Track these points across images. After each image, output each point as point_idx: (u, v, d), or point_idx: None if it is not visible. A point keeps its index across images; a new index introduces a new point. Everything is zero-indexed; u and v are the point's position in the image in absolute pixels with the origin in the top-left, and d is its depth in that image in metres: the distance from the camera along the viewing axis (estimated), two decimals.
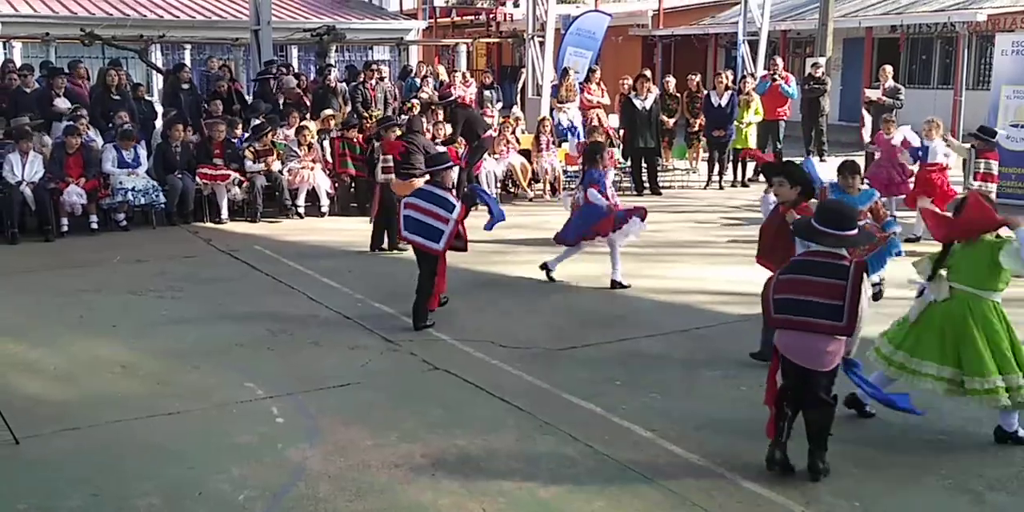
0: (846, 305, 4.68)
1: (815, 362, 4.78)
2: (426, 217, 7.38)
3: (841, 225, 4.83)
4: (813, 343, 4.77)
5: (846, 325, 4.70)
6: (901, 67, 22.93)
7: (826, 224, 4.85)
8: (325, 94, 14.45)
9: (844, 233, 4.83)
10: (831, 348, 4.77)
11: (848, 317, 4.69)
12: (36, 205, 10.73)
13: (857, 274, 4.73)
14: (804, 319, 4.76)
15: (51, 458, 5.14)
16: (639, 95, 13.72)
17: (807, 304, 4.75)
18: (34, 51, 18.47)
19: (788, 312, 4.82)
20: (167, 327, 7.51)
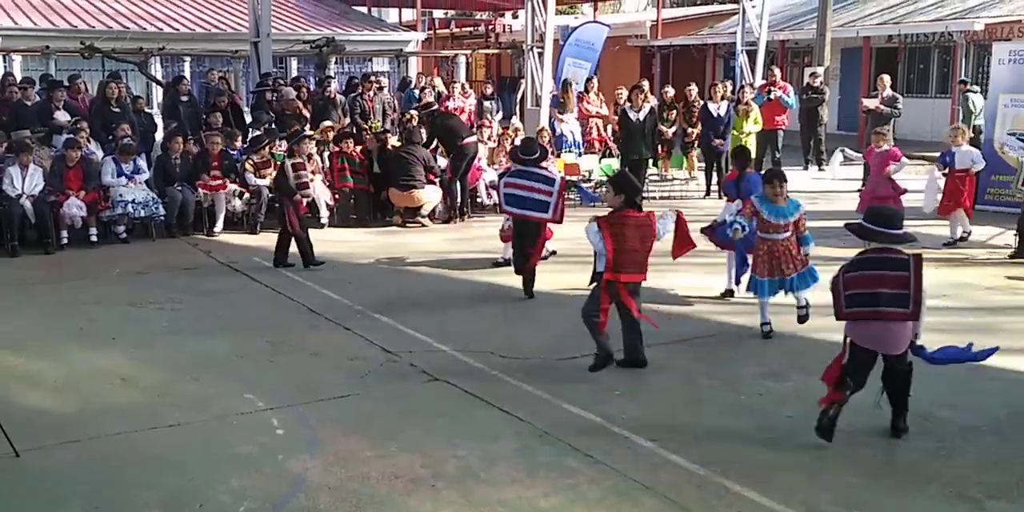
0: (911, 293, 5.25)
1: (891, 347, 5.35)
2: (530, 193, 8.42)
3: (890, 224, 5.39)
4: (888, 330, 5.32)
5: (912, 311, 5.27)
6: (899, 76, 23.01)
7: (877, 223, 5.37)
8: (325, 105, 14.49)
9: (895, 231, 5.37)
10: (903, 333, 5.34)
11: (914, 304, 5.25)
12: (36, 218, 10.74)
13: (918, 264, 5.30)
14: (876, 309, 5.28)
15: (52, 470, 5.14)
16: (634, 106, 13.75)
17: (878, 296, 5.27)
18: (34, 64, 18.52)
19: (859, 305, 5.33)
20: (167, 339, 7.52)
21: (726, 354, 7.05)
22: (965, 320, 7.73)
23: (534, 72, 16.21)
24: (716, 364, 6.82)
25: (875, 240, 5.41)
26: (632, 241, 6.55)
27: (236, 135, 12.61)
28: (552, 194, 8.39)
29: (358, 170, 12.70)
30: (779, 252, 7.33)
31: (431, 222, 12.51)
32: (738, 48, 20.51)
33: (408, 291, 9.09)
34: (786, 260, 7.33)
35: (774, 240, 7.33)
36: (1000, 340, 7.26)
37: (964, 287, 8.83)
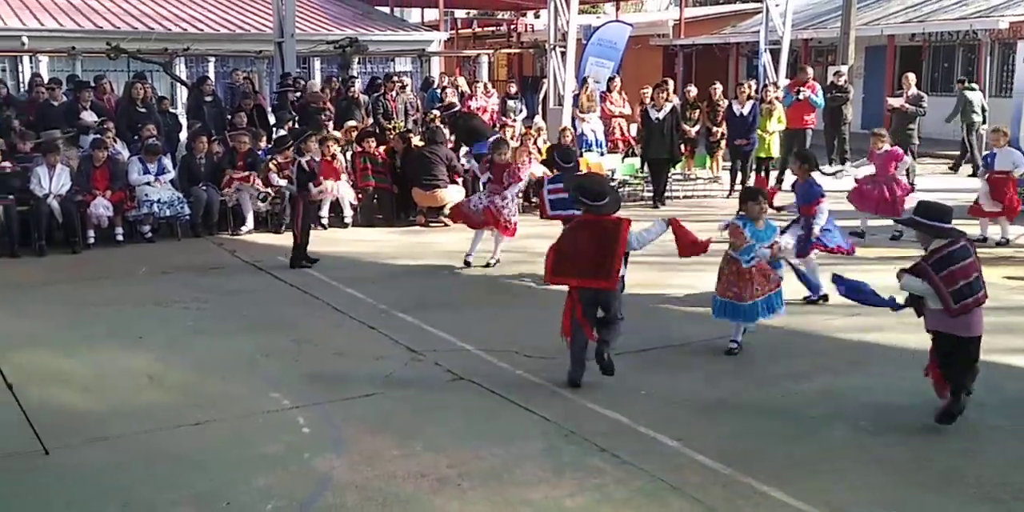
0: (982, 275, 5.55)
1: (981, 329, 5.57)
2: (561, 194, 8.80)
3: (946, 219, 5.61)
4: (981, 313, 5.57)
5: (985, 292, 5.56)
6: (923, 75, 22.81)
7: (936, 219, 5.60)
8: (348, 105, 14.55)
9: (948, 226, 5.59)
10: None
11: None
12: (63, 217, 10.84)
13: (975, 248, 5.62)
14: (976, 297, 5.49)
15: (81, 468, 5.19)
16: (655, 105, 13.70)
17: (974, 284, 5.47)
18: (60, 65, 18.69)
19: (966, 296, 5.45)
20: (193, 338, 7.57)
21: (751, 354, 7.02)
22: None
23: (557, 71, 16.18)
24: (741, 364, 6.79)
25: (943, 235, 5.56)
26: (582, 244, 6.33)
27: (261, 135, 12.68)
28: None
29: (380, 170, 12.74)
30: (748, 275, 6.94)
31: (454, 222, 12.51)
32: (761, 47, 20.37)
33: (431, 290, 9.11)
34: (754, 283, 6.92)
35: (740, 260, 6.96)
36: None
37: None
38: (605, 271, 6.24)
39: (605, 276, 6.25)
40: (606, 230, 6.29)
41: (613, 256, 6.22)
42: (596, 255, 6.26)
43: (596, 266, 6.26)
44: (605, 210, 6.33)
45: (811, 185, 8.26)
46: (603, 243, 6.25)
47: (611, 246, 6.23)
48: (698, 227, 12.04)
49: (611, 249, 6.23)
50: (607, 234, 6.28)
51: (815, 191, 8.21)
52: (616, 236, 6.24)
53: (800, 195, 8.31)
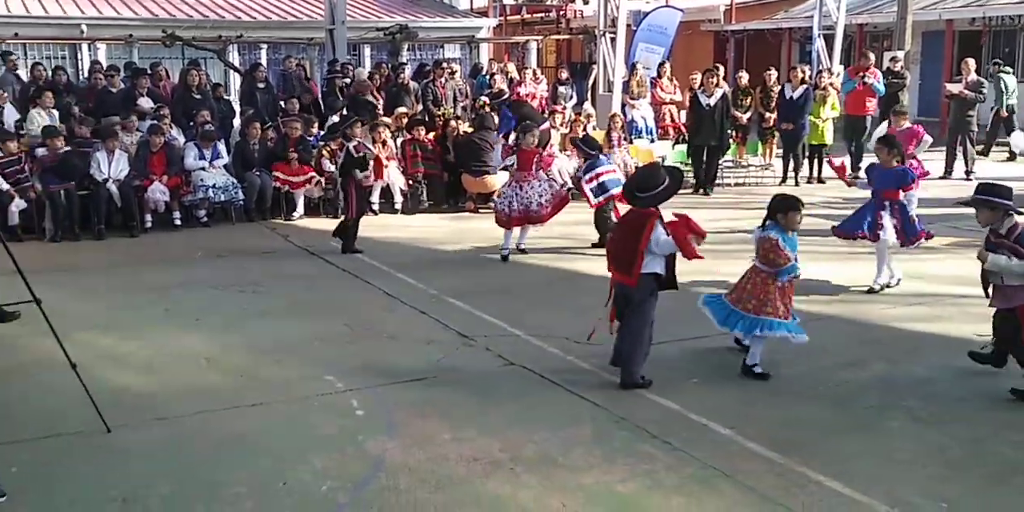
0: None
1: None
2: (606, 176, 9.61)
3: (1010, 195, 5.87)
4: None
5: None
6: (983, 60, 22.26)
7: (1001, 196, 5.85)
8: (398, 92, 14.61)
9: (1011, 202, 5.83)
10: None
11: None
12: (122, 202, 11.07)
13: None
14: None
15: (141, 447, 5.30)
16: (705, 91, 13.55)
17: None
18: (118, 52, 19.01)
19: None
20: (248, 321, 7.69)
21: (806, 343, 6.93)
22: None
23: (606, 58, 16.09)
24: (796, 353, 6.71)
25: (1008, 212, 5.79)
26: (619, 234, 6.29)
27: (313, 122, 12.79)
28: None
29: (429, 156, 12.79)
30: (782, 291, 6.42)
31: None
32: (815, 32, 20.05)
33: (481, 276, 9.14)
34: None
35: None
36: None
37: None
38: (626, 266, 6.08)
39: (626, 271, 6.08)
40: (637, 224, 6.06)
41: (635, 252, 5.98)
42: (623, 248, 6.13)
43: (620, 259, 6.14)
44: (642, 203, 6.08)
45: (904, 171, 8.21)
46: (631, 237, 6.06)
47: (635, 241, 6.00)
48: (750, 214, 12.01)
49: (634, 244, 6.00)
50: (636, 228, 6.04)
51: (909, 177, 8.16)
52: (641, 232, 5.98)
53: (891, 179, 8.18)
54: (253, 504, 4.63)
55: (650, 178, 6.16)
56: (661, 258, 6.06)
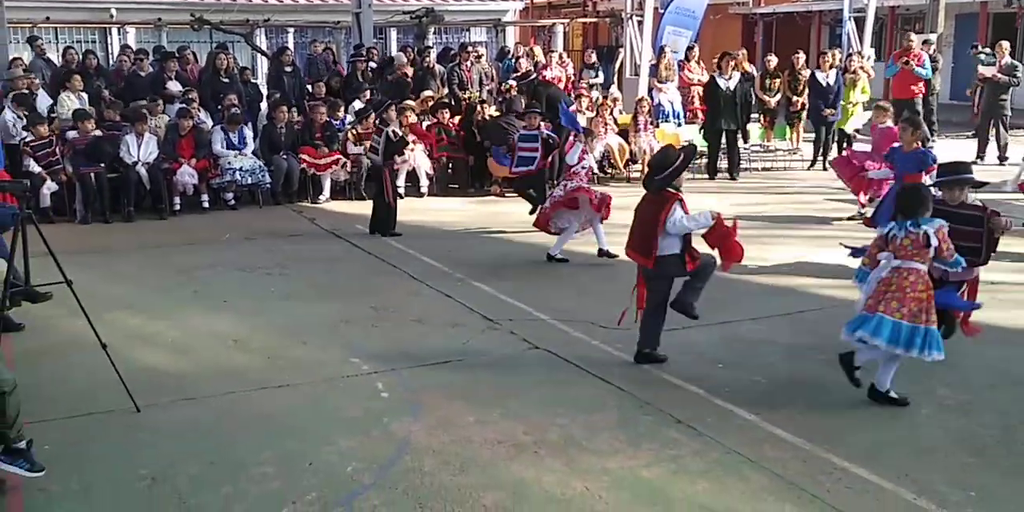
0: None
1: None
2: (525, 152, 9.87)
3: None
4: None
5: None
6: (1018, 43, 21.90)
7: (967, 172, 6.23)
8: (424, 76, 14.59)
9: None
10: None
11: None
12: (151, 184, 11.17)
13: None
14: None
15: (170, 426, 5.37)
16: (723, 74, 13.42)
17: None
18: (147, 36, 19.10)
19: None
20: (276, 303, 7.74)
21: (831, 329, 6.84)
22: None
23: (633, 41, 15.98)
24: (821, 339, 6.66)
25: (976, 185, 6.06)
26: (637, 216, 6.21)
27: (339, 105, 12.81)
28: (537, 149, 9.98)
29: (454, 141, 12.79)
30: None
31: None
32: (845, 15, 19.77)
33: (506, 260, 9.14)
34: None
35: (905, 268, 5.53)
36: None
37: None
38: (645, 248, 6.09)
39: (645, 253, 6.09)
40: (655, 206, 6.04)
41: (652, 234, 6.00)
42: (641, 231, 6.14)
43: (639, 241, 6.15)
44: (660, 184, 6.05)
45: (925, 153, 8.07)
46: (650, 219, 6.05)
47: (652, 223, 6.01)
48: (778, 198, 11.95)
49: (652, 226, 6.01)
50: (653, 211, 6.04)
51: (930, 158, 8.02)
52: (658, 215, 5.97)
53: (910, 162, 8.08)
54: (280, 484, 4.68)
55: (664, 160, 6.16)
56: (679, 239, 6.04)
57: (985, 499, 4.44)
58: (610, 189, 12.36)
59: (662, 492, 4.57)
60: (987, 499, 4.45)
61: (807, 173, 13.96)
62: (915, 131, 8.10)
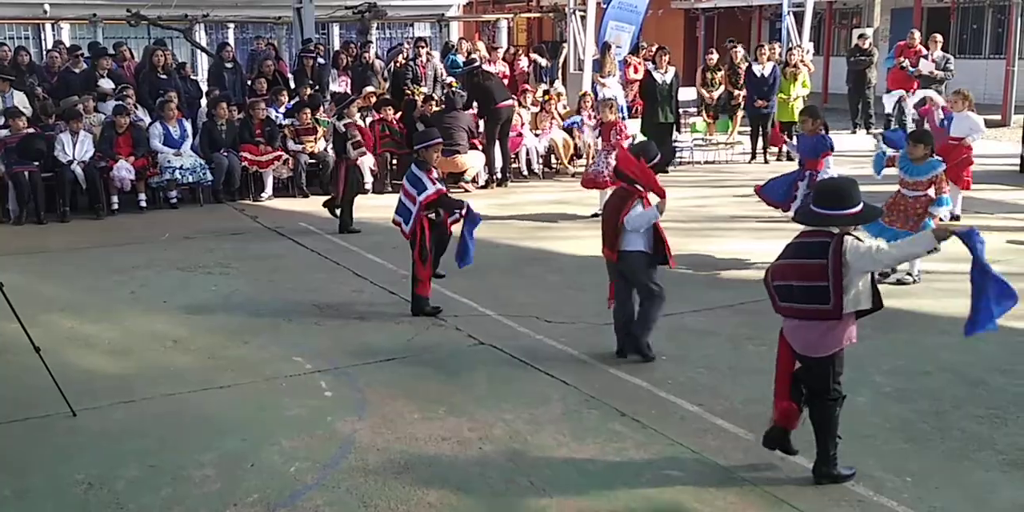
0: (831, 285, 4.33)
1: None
2: (405, 198, 7.22)
3: (839, 204, 4.41)
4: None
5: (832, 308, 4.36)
6: (951, 37, 22.38)
7: (823, 205, 4.46)
8: (364, 71, 14.48)
9: (842, 212, 4.40)
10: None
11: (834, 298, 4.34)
12: (87, 183, 10.92)
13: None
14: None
15: (108, 430, 5.27)
16: (659, 68, 13.54)
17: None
18: (82, 32, 18.68)
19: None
20: (217, 302, 7.63)
21: (773, 320, 6.91)
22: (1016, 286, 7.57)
23: (576, 36, 16.00)
24: (763, 329, 6.72)
25: (819, 224, 4.51)
26: (605, 216, 6.27)
27: (282, 91, 12.76)
28: (415, 201, 7.13)
29: (398, 139, 12.72)
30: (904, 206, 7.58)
31: (474, 187, 12.50)
32: (784, 10, 19.97)
33: (452, 256, 9.07)
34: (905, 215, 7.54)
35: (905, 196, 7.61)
36: None
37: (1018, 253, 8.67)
38: (609, 241, 6.16)
39: (609, 245, 6.16)
40: (619, 200, 6.14)
41: (616, 228, 6.06)
42: (608, 224, 6.19)
43: (606, 234, 6.20)
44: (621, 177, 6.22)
45: (822, 138, 8.37)
46: (614, 213, 6.12)
47: (615, 217, 6.08)
48: (720, 192, 12.07)
49: (614, 220, 6.08)
50: (618, 206, 6.11)
51: (826, 143, 8.34)
52: (621, 208, 6.05)
53: (809, 148, 8.43)
54: (221, 485, 4.61)
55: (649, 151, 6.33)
56: (643, 236, 6.07)
57: (920, 484, 4.53)
58: (553, 184, 12.43)
59: (606, 485, 4.59)
60: (922, 484, 4.54)
61: (749, 166, 14.12)
62: (815, 120, 8.46)
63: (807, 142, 8.47)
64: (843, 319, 4.42)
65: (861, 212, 4.44)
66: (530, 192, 11.94)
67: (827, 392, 4.52)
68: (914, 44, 14.97)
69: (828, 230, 4.43)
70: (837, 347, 4.49)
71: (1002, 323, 6.76)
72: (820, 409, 4.55)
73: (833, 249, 4.33)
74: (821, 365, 4.51)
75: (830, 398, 4.53)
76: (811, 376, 4.56)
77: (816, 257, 4.37)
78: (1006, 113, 18.42)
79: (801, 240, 4.55)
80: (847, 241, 4.35)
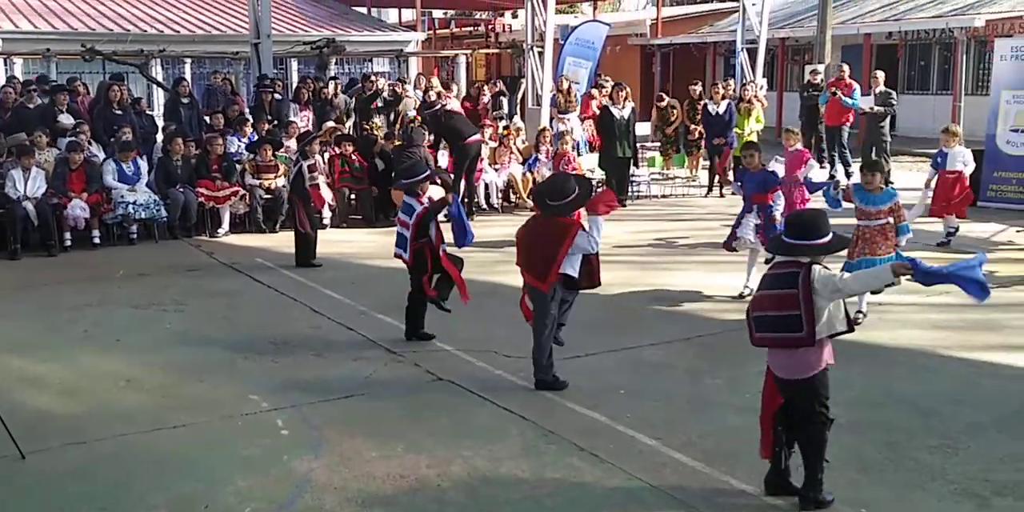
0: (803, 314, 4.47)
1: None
2: (401, 228, 7.36)
3: (808, 234, 4.59)
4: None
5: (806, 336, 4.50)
6: (900, 73, 22.99)
7: (793, 236, 4.64)
8: (323, 106, 14.51)
9: (811, 243, 4.58)
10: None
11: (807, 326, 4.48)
12: (39, 220, 10.76)
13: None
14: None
15: (58, 472, 5.15)
16: (616, 104, 13.74)
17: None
18: (35, 67, 18.52)
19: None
20: (171, 340, 7.53)
21: (730, 352, 7.04)
22: (967, 317, 7.74)
23: (535, 71, 16.19)
24: (720, 362, 6.82)
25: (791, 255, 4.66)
26: (530, 245, 6.35)
27: (247, 121, 12.85)
28: (409, 226, 7.28)
29: (358, 174, 12.74)
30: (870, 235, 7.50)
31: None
32: (738, 46, 20.46)
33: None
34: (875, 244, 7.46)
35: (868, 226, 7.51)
36: (1003, 337, 7.31)
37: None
38: (541, 272, 6.21)
39: (540, 277, 6.22)
40: (556, 232, 6.15)
41: (554, 260, 6.11)
42: (539, 255, 6.23)
43: (535, 265, 6.26)
44: (554, 211, 6.20)
45: (769, 174, 8.55)
46: (549, 244, 6.14)
47: (554, 248, 6.11)
48: (677, 225, 12.19)
49: (552, 250, 6.12)
50: (554, 236, 6.14)
51: (774, 179, 8.50)
52: (562, 240, 6.09)
53: (757, 183, 8.54)
54: None
55: (562, 188, 6.25)
56: (575, 260, 6.20)
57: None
58: (513, 217, 12.48)
59: None
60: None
61: (704, 200, 14.31)
62: (759, 154, 8.69)
63: (753, 178, 8.60)
64: (816, 344, 4.57)
65: (830, 242, 4.64)
66: (489, 226, 11.95)
67: (815, 416, 4.63)
68: (844, 77, 15.35)
69: (798, 260, 4.60)
70: (817, 368, 4.62)
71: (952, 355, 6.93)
72: (809, 433, 4.65)
73: (802, 279, 4.50)
74: (804, 388, 4.63)
75: (818, 422, 4.64)
76: (797, 401, 4.66)
77: (788, 287, 4.54)
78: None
79: (775, 271, 4.75)
80: (815, 270, 4.53)
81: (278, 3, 22.19)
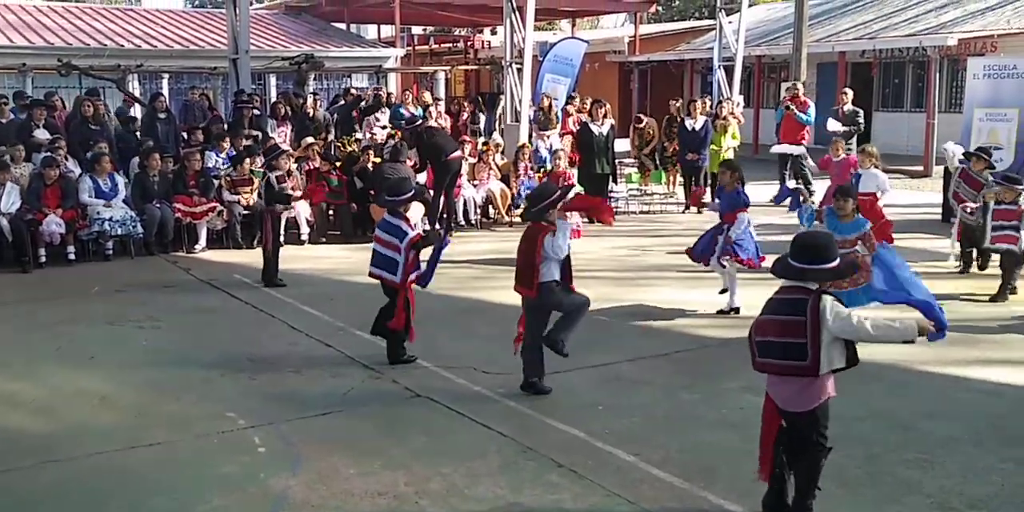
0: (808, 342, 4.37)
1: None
2: (385, 249, 7.17)
3: (817, 258, 4.50)
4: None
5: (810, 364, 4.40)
6: (874, 91, 23.28)
7: (800, 259, 4.52)
8: (303, 121, 14.49)
9: (819, 267, 4.49)
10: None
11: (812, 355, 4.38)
12: (13, 236, 10.66)
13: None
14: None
15: (31, 492, 5.08)
16: (595, 121, 13.82)
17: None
18: (10, 82, 18.41)
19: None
20: (147, 358, 7.46)
21: (707, 368, 7.07)
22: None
23: (513, 88, 16.25)
24: (697, 378, 6.84)
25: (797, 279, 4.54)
26: (519, 254, 6.44)
27: (224, 137, 12.75)
28: (400, 250, 7.04)
29: (337, 189, 12.72)
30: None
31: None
32: (715, 63, 20.67)
33: None
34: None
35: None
36: (979, 351, 7.37)
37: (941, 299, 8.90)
38: (526, 279, 6.34)
39: (527, 283, 6.34)
40: (530, 237, 6.34)
41: (532, 264, 6.26)
42: (523, 262, 6.38)
43: (521, 273, 6.40)
44: (531, 216, 6.43)
45: (738, 194, 8.54)
46: (529, 251, 6.33)
47: (531, 254, 6.28)
48: (654, 241, 12.25)
49: (531, 257, 6.28)
50: (530, 242, 6.32)
51: (740, 200, 8.50)
52: (535, 244, 6.26)
53: (726, 203, 8.60)
54: None
55: (541, 193, 6.48)
56: (557, 266, 6.30)
57: None
58: (491, 234, 12.51)
59: None
60: None
61: (682, 216, 14.38)
62: (732, 173, 8.67)
63: (727, 197, 8.64)
64: (820, 375, 4.45)
65: (838, 266, 4.54)
66: (467, 242, 11.98)
67: (813, 444, 4.58)
68: (799, 94, 15.53)
69: (806, 287, 4.49)
70: (818, 401, 4.53)
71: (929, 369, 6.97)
72: (806, 459, 4.60)
73: (811, 306, 4.37)
74: (805, 419, 4.56)
75: (816, 450, 4.59)
76: (796, 429, 4.60)
77: (795, 314, 4.41)
78: (928, 164, 19.11)
79: (781, 296, 4.58)
80: (825, 300, 4.40)
81: (257, 19, 22.20)
